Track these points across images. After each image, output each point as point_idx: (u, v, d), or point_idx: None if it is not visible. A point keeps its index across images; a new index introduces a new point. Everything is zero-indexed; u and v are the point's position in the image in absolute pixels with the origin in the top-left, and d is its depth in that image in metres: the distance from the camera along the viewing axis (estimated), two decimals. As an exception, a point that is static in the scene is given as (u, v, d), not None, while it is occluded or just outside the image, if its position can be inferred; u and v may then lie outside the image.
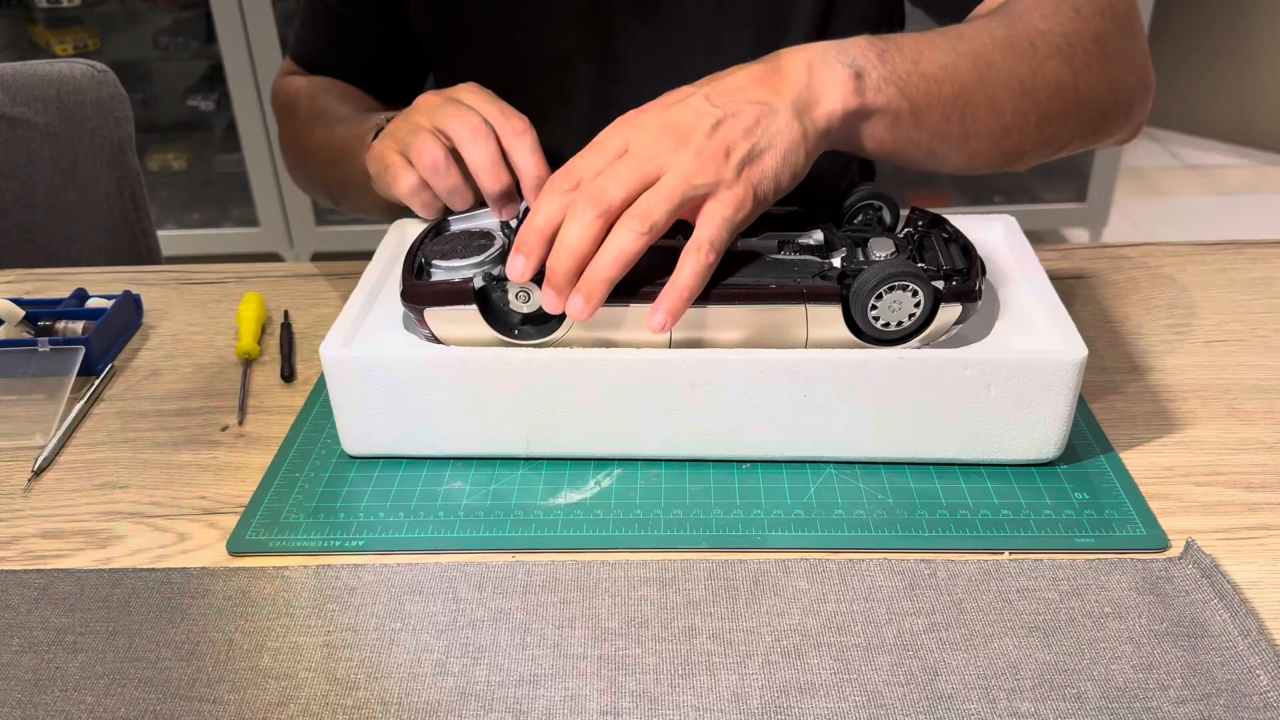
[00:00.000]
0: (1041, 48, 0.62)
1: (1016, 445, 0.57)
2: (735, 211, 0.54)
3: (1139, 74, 0.68)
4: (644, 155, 0.54)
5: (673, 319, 0.53)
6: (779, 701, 0.45)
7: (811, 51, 0.58)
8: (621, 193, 0.53)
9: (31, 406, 0.66)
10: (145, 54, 2.37)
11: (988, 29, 0.63)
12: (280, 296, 0.79)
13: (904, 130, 0.60)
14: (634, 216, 0.53)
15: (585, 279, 0.53)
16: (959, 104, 0.60)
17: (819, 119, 0.57)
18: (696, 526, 0.55)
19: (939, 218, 0.62)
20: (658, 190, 0.53)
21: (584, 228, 0.53)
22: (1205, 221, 2.54)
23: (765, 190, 0.55)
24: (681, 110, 0.56)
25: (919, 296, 0.54)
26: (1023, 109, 0.62)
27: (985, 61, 0.61)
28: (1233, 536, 0.54)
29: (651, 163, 0.54)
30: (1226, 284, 0.77)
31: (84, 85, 1.02)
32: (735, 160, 0.54)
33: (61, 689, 0.47)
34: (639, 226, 0.52)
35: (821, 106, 0.57)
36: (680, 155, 0.54)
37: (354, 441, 0.60)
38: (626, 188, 0.53)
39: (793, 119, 0.56)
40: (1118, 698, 0.45)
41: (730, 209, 0.54)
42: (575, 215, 0.53)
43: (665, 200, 0.53)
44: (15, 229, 1.05)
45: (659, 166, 0.54)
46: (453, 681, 0.47)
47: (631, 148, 0.55)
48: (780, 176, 0.55)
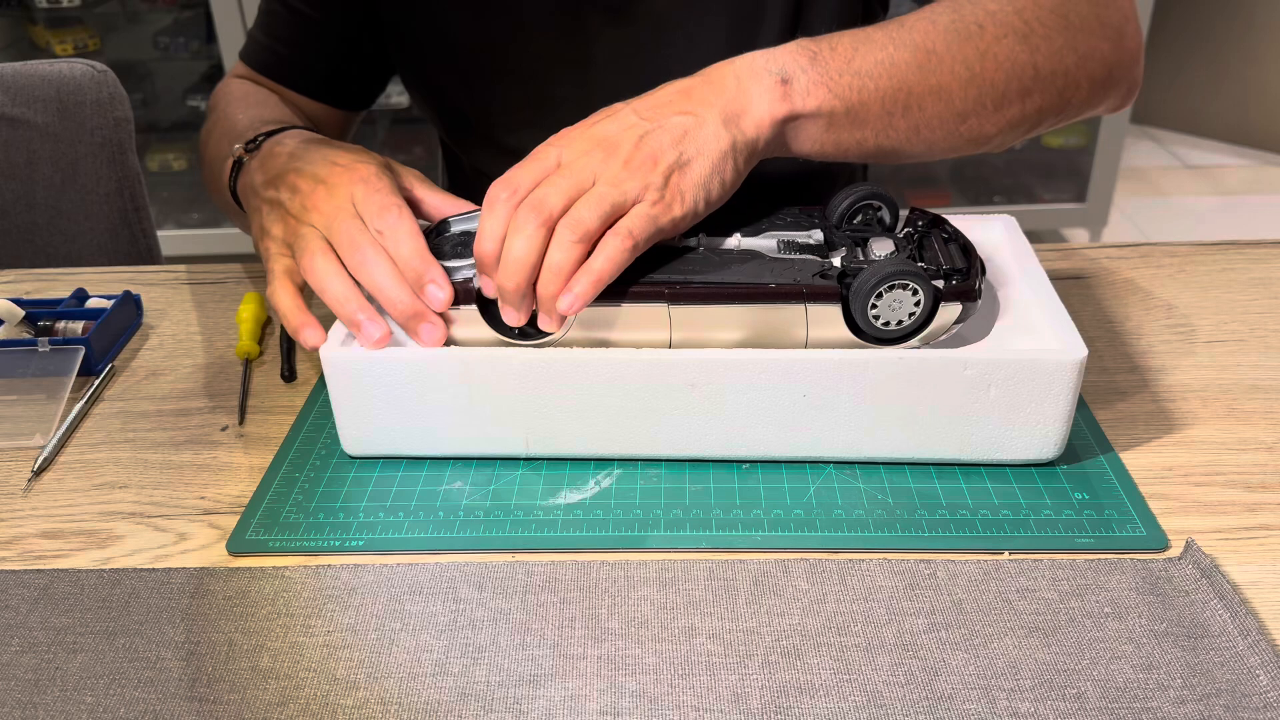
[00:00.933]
0: (990, 28, 0.62)
1: (1016, 445, 0.57)
2: (661, 212, 0.55)
3: (1113, 38, 0.67)
4: (577, 167, 0.56)
5: (581, 302, 0.54)
6: (779, 701, 0.45)
7: (739, 63, 0.59)
8: (561, 202, 0.54)
9: (31, 406, 0.66)
10: (145, 54, 2.37)
11: (930, 16, 0.63)
12: (280, 296, 0.79)
13: (842, 130, 0.60)
14: (566, 226, 0.54)
15: (540, 298, 0.55)
16: (900, 97, 0.60)
17: (747, 129, 0.58)
18: (696, 526, 0.55)
19: (938, 218, 0.62)
20: (588, 198, 0.54)
21: (528, 239, 0.54)
22: (1205, 221, 2.54)
23: (693, 198, 0.56)
24: (610, 124, 0.57)
25: (919, 295, 0.54)
26: (973, 93, 0.62)
27: (925, 51, 0.61)
28: (1233, 536, 0.54)
29: (584, 173, 0.55)
30: (1226, 284, 0.77)
31: (84, 85, 1.02)
32: (662, 169, 0.55)
33: (61, 689, 0.47)
34: (571, 235, 0.54)
35: (750, 116, 0.58)
36: (609, 165, 0.55)
37: (354, 442, 0.60)
38: (565, 198, 0.55)
39: (720, 129, 0.57)
40: (1118, 698, 0.45)
41: (657, 209, 0.55)
42: (518, 228, 0.54)
43: (596, 206, 0.54)
44: (15, 229, 1.05)
45: (591, 175, 0.55)
46: (453, 681, 0.47)
47: (565, 160, 0.56)
48: (709, 185, 0.56)
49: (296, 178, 0.64)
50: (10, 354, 0.70)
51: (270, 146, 0.70)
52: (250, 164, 0.70)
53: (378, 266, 0.58)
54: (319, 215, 0.62)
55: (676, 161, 0.56)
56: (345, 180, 0.62)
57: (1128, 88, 0.70)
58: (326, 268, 0.59)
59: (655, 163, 0.55)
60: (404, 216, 0.59)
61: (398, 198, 0.61)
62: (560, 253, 0.54)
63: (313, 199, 0.62)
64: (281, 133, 0.72)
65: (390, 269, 0.58)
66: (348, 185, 0.62)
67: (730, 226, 0.61)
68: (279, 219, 0.64)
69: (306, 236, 0.61)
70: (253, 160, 0.70)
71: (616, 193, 0.54)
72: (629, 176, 0.55)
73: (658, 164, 0.55)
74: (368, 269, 0.58)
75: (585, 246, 0.54)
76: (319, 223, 0.61)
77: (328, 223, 0.61)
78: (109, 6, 2.36)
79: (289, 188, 0.64)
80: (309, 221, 0.62)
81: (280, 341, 0.73)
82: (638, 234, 0.54)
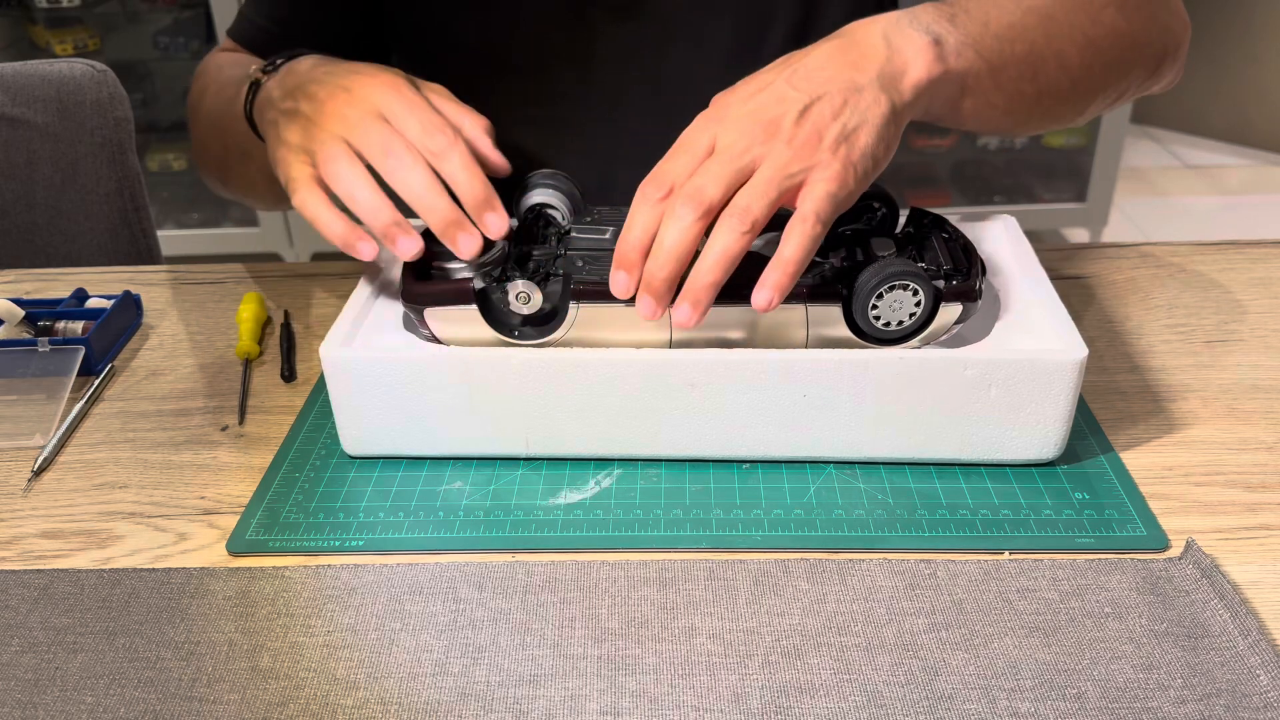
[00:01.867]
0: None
1: (1017, 445, 0.57)
2: (838, 188, 0.52)
3: (1179, 15, 0.69)
4: (735, 150, 0.53)
5: (780, 294, 0.52)
6: (779, 701, 0.45)
7: (884, 22, 0.57)
8: (720, 191, 0.52)
9: (31, 406, 0.66)
10: (145, 54, 2.37)
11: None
12: (280, 296, 0.79)
13: (983, 94, 0.59)
14: (733, 215, 0.51)
15: (690, 285, 0.52)
16: (1031, 61, 0.60)
17: (905, 90, 0.55)
18: (696, 526, 0.55)
19: (939, 218, 0.62)
20: (754, 185, 0.52)
21: (684, 231, 0.51)
22: (1205, 221, 2.54)
23: (864, 168, 0.53)
24: (766, 98, 0.54)
25: (919, 296, 0.54)
26: (1087, 60, 0.62)
27: (1048, 16, 0.60)
28: (1233, 536, 0.54)
29: (744, 157, 0.52)
30: (1226, 284, 0.77)
31: (84, 85, 1.02)
32: (829, 142, 0.53)
33: (61, 689, 0.47)
34: (740, 225, 0.51)
35: (907, 77, 0.56)
36: (772, 146, 0.52)
37: (354, 442, 0.60)
38: (724, 185, 0.52)
39: (880, 93, 0.54)
40: (1118, 698, 0.45)
41: (833, 184, 0.52)
42: (674, 218, 0.52)
43: (763, 194, 0.51)
44: (15, 229, 1.04)
45: (752, 160, 0.52)
46: (453, 681, 0.47)
47: (720, 144, 0.53)
48: (876, 153, 0.54)
49: (316, 86, 0.62)
50: (10, 354, 0.70)
51: (290, 65, 0.68)
52: (268, 83, 0.68)
53: (414, 171, 0.56)
54: (341, 121, 0.59)
55: (842, 133, 0.53)
56: (368, 85, 0.60)
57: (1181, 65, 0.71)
58: (353, 173, 0.57)
59: (820, 138, 0.52)
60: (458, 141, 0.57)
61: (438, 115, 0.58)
62: (727, 239, 0.51)
63: (333, 104, 0.60)
64: (299, 55, 0.69)
65: (428, 174, 0.56)
66: (371, 90, 0.59)
67: None
68: (298, 127, 0.62)
69: (327, 141, 0.59)
70: (271, 79, 0.68)
71: (784, 176, 0.52)
72: (795, 157, 0.52)
73: (823, 139, 0.52)
74: (403, 174, 0.56)
75: (752, 236, 0.51)
76: (340, 128, 0.59)
77: (350, 127, 0.58)
78: (109, 6, 2.36)
79: (308, 96, 0.62)
80: (329, 127, 0.59)
81: (280, 341, 0.73)
82: (824, 216, 0.52)
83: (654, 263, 0.52)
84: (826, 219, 0.52)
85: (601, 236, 0.60)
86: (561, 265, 0.58)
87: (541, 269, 0.58)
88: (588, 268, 0.57)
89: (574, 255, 0.59)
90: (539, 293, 0.55)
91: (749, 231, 0.51)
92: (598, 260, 0.58)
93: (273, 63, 0.69)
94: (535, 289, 0.55)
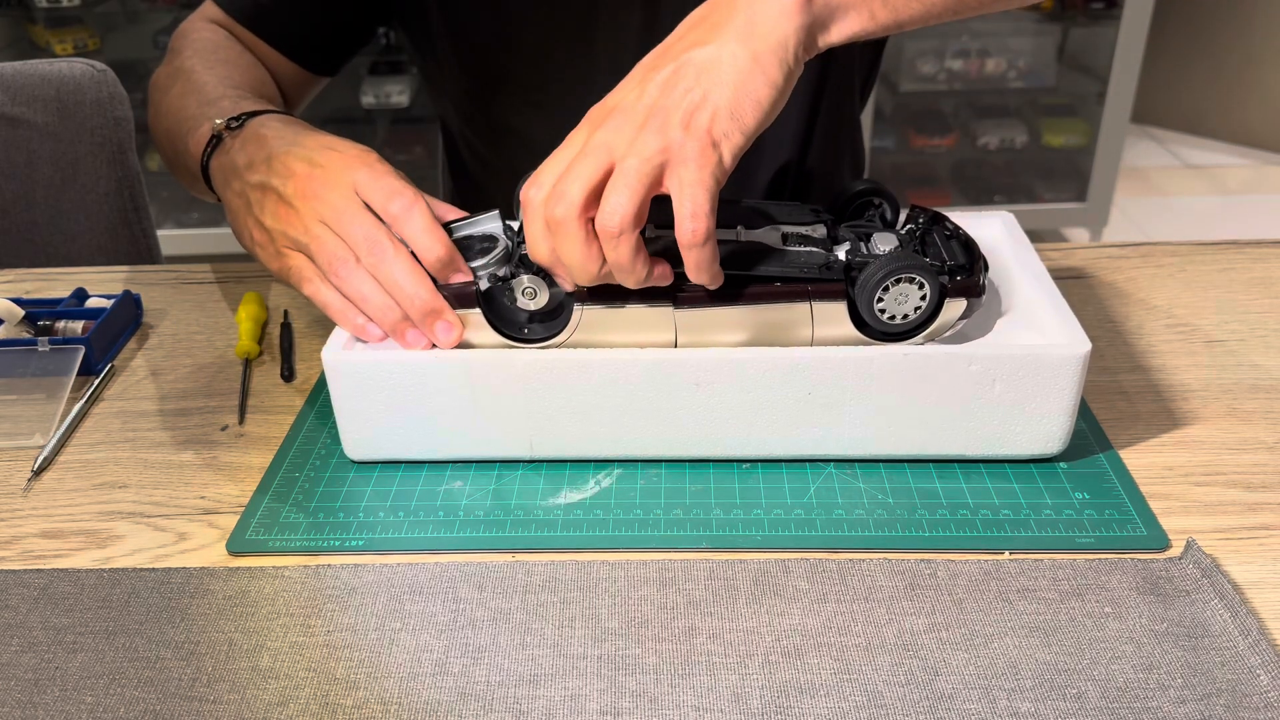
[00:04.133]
0: None
1: (1021, 440, 0.57)
2: (699, 169, 0.50)
3: None
4: (595, 144, 0.52)
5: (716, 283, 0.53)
6: (779, 701, 0.45)
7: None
8: (580, 192, 0.51)
9: (31, 406, 0.66)
10: (145, 54, 2.37)
11: None
12: (280, 296, 0.79)
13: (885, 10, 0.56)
14: (603, 229, 0.51)
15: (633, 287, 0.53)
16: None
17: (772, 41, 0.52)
18: (696, 526, 0.55)
19: (939, 214, 0.62)
20: (612, 186, 0.50)
21: (571, 242, 0.51)
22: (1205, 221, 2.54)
23: (725, 131, 0.51)
24: (622, 88, 0.54)
25: (925, 289, 0.54)
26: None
27: None
28: (1233, 536, 0.54)
29: (601, 151, 0.51)
30: (1226, 284, 0.77)
31: (84, 85, 1.02)
32: (680, 116, 0.51)
33: (61, 689, 0.47)
34: (614, 233, 0.50)
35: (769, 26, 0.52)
36: (623, 133, 0.51)
37: (356, 446, 0.60)
38: (584, 185, 0.51)
39: (737, 49, 0.52)
40: (1118, 698, 0.45)
41: (693, 169, 0.50)
42: (556, 235, 0.52)
43: (622, 192, 0.50)
44: (15, 229, 1.04)
45: (607, 153, 0.51)
46: (453, 681, 0.47)
47: (580, 144, 0.53)
48: (740, 114, 0.51)
49: (288, 160, 0.61)
50: (10, 354, 0.70)
51: (255, 127, 0.66)
52: (232, 143, 0.67)
53: (397, 263, 0.56)
54: (319, 203, 0.59)
55: (695, 102, 0.51)
56: (342, 164, 0.60)
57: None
58: (361, 278, 0.57)
59: (668, 113, 0.51)
60: (418, 201, 0.57)
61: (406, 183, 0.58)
62: (612, 253, 0.51)
63: (309, 184, 0.60)
64: (266, 115, 0.68)
65: (410, 265, 0.56)
66: (346, 170, 0.59)
67: (733, 222, 0.61)
68: (271, 207, 0.61)
69: (323, 240, 0.58)
70: (234, 140, 0.67)
71: (640, 163, 0.50)
72: (647, 139, 0.50)
73: (672, 113, 0.51)
74: (387, 266, 0.56)
75: (634, 233, 0.50)
76: (324, 214, 0.59)
77: (337, 217, 0.58)
78: (109, 6, 2.36)
79: (280, 172, 0.61)
80: (310, 212, 0.59)
81: (280, 341, 0.73)
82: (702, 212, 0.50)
83: (575, 275, 0.53)
84: (705, 213, 0.50)
85: None
86: None
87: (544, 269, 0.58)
88: None
89: None
90: (545, 288, 0.55)
91: (624, 233, 0.50)
92: None
93: (236, 117, 0.68)
94: (541, 284, 0.55)
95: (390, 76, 2.42)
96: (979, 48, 2.40)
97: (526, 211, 0.53)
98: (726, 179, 0.51)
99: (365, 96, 2.39)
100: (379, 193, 0.58)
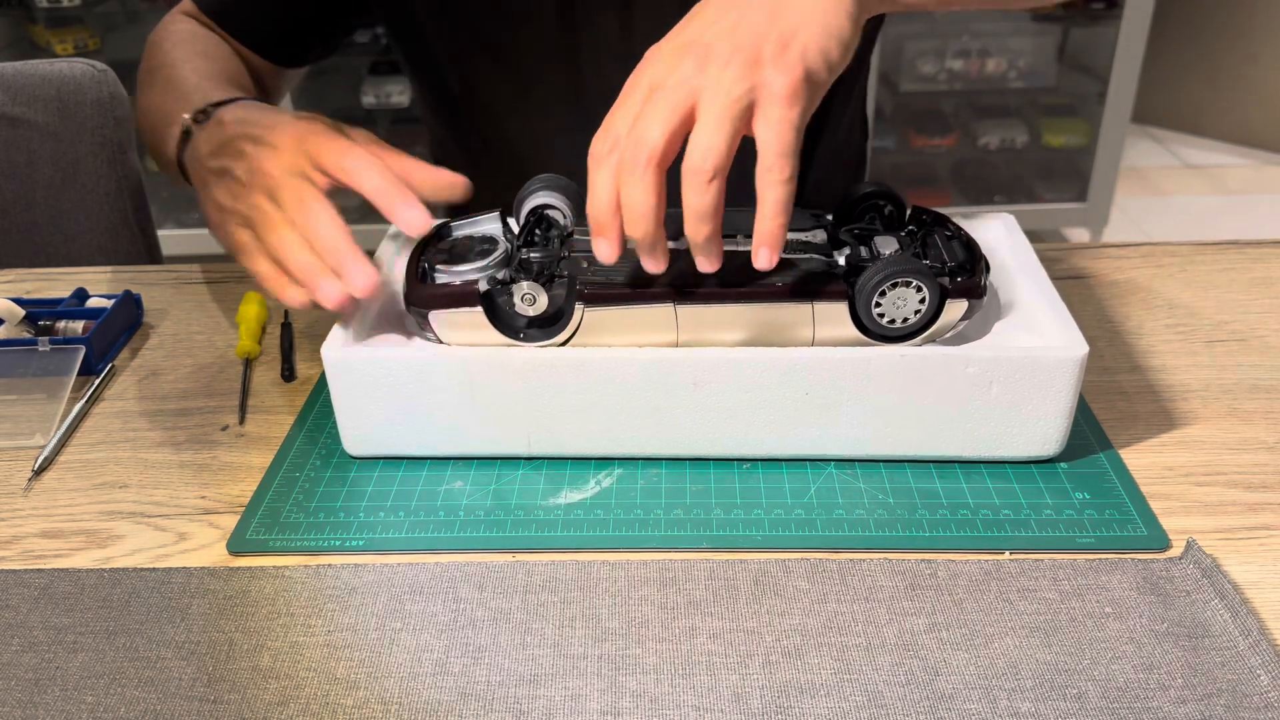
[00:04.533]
0: None
1: (1018, 442, 0.57)
2: (789, 107, 0.48)
3: None
4: (670, 85, 0.49)
5: (775, 249, 0.50)
6: (779, 701, 0.45)
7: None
8: (662, 134, 0.49)
9: (31, 406, 0.66)
10: (145, 54, 2.37)
11: None
12: (280, 296, 0.79)
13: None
14: (693, 172, 0.48)
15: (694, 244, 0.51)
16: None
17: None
18: (697, 526, 0.55)
19: (941, 216, 0.62)
20: (702, 126, 0.48)
21: (643, 189, 0.49)
22: (1205, 221, 2.54)
23: (815, 68, 0.49)
24: (694, 24, 0.52)
25: (924, 293, 0.54)
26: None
27: None
28: (1233, 536, 0.54)
29: (680, 90, 0.49)
30: (1226, 284, 0.77)
31: (84, 85, 1.02)
32: (769, 53, 0.49)
33: (61, 689, 0.47)
34: (705, 177, 0.48)
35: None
36: (708, 73, 0.49)
37: (355, 442, 0.60)
38: (665, 126, 0.49)
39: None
40: (1118, 698, 0.45)
41: (783, 106, 0.48)
42: (627, 178, 0.49)
43: (714, 132, 0.48)
44: (15, 229, 1.04)
45: (690, 92, 0.49)
46: (453, 681, 0.47)
47: (656, 83, 0.50)
48: (827, 50, 0.50)
49: (239, 142, 0.62)
50: (10, 354, 0.70)
51: (219, 116, 0.68)
52: (199, 135, 0.68)
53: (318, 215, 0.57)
54: (265, 178, 0.59)
55: (782, 38, 0.49)
56: (290, 137, 0.60)
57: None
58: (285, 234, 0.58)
59: (758, 50, 0.48)
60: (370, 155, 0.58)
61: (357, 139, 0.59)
62: (699, 197, 0.48)
63: (257, 161, 0.60)
64: (231, 103, 0.69)
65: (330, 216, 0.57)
66: (296, 142, 0.60)
67: (734, 227, 0.61)
68: (226, 187, 0.62)
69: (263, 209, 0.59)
70: (201, 132, 0.68)
71: (728, 102, 0.48)
72: (736, 79, 0.48)
73: (762, 50, 0.48)
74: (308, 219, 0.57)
75: (721, 180, 0.48)
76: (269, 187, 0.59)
77: (277, 187, 0.59)
78: (109, 6, 2.36)
79: (232, 153, 0.62)
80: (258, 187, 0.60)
81: (280, 341, 0.73)
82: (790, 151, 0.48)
83: (631, 229, 0.50)
84: (793, 152, 0.48)
85: None
86: (565, 267, 0.58)
87: (545, 271, 0.58)
88: (592, 269, 0.57)
89: (578, 256, 0.59)
90: (544, 294, 0.55)
91: (715, 178, 0.48)
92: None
93: (205, 110, 0.70)
94: (540, 290, 0.55)
95: (390, 76, 2.42)
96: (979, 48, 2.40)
97: (594, 162, 0.51)
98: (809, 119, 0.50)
99: (365, 96, 2.39)
100: (331, 154, 0.59)
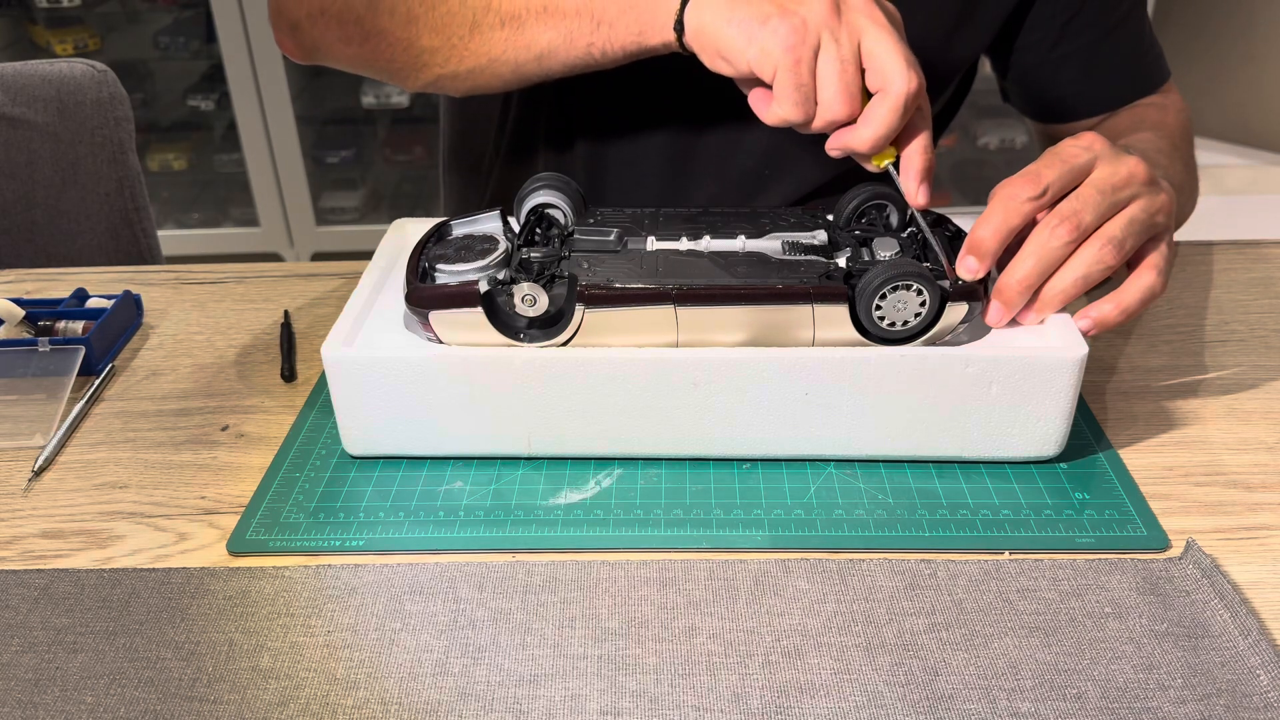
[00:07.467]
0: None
1: (1017, 442, 0.57)
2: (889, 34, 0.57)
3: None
4: (1115, 184, 0.57)
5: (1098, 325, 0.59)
6: (779, 701, 0.45)
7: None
8: (1096, 221, 0.57)
9: (31, 406, 0.66)
10: (145, 54, 2.37)
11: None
12: (280, 296, 0.79)
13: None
14: (1107, 243, 0.56)
15: (1045, 295, 0.57)
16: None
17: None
18: (696, 526, 0.55)
19: (941, 217, 0.62)
20: (1131, 223, 0.57)
21: (1060, 250, 0.56)
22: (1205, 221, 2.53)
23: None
24: (1124, 162, 0.59)
25: (924, 295, 0.54)
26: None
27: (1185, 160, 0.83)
28: (1233, 536, 0.54)
29: (1123, 192, 0.57)
30: (1226, 284, 0.77)
31: (84, 85, 1.02)
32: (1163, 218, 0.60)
33: (61, 689, 0.47)
34: (1107, 256, 0.56)
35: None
36: (1144, 189, 0.58)
37: (355, 442, 0.60)
38: (1100, 218, 0.57)
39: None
40: (1118, 698, 0.45)
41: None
42: (1052, 234, 0.56)
43: (1137, 234, 0.57)
44: (15, 229, 1.05)
45: (1129, 197, 0.58)
46: (453, 681, 0.47)
47: (1100, 174, 0.57)
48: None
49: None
50: (10, 354, 0.70)
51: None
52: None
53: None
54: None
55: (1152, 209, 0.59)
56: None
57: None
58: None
59: (1170, 204, 0.60)
60: (884, 21, 0.59)
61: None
62: (1088, 261, 0.56)
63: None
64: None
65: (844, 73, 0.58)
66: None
67: (735, 229, 0.61)
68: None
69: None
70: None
71: (1149, 221, 0.58)
72: (1160, 209, 0.58)
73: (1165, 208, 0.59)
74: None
75: (1114, 265, 0.57)
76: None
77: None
78: (109, 6, 2.36)
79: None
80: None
81: (280, 341, 0.73)
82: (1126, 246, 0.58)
83: (1021, 268, 0.56)
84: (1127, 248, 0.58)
85: (605, 238, 0.60)
86: (566, 267, 0.58)
87: (546, 271, 0.58)
88: (592, 269, 0.57)
89: (578, 256, 0.59)
90: (544, 295, 0.55)
91: (1113, 262, 0.57)
92: (602, 261, 0.58)
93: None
94: (541, 291, 0.55)
95: (390, 76, 2.42)
96: (979, 48, 2.39)
97: (1013, 200, 0.57)
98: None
99: (365, 97, 2.39)
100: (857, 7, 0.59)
